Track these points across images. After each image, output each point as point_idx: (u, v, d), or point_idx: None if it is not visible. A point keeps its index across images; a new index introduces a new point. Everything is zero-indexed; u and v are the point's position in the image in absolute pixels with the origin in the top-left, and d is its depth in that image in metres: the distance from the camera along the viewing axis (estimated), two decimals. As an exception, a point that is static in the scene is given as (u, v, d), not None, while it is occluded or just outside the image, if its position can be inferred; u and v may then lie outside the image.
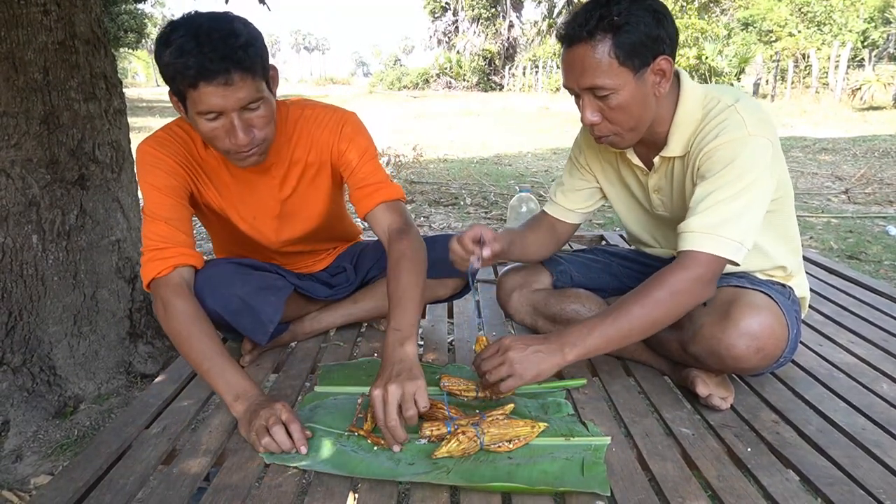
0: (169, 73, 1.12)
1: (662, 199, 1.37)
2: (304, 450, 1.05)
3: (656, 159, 1.31)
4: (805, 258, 2.32)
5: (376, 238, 1.61)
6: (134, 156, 1.47)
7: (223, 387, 1.15)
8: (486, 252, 1.28)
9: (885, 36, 16.31)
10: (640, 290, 1.16)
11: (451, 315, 1.84)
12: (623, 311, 1.14)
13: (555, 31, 1.23)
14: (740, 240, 1.12)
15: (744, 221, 1.12)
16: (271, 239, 1.49)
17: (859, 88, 13.52)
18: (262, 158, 1.27)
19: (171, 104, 1.20)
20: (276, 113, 1.27)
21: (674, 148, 1.27)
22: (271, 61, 1.22)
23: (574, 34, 1.15)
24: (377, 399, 1.05)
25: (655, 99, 1.20)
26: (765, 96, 16.24)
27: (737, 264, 1.14)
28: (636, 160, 1.35)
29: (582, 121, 1.23)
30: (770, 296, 1.20)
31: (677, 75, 1.25)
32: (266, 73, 1.18)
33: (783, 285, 1.32)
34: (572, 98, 1.24)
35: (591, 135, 1.28)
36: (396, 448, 1.07)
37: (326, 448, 1.07)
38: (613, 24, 1.11)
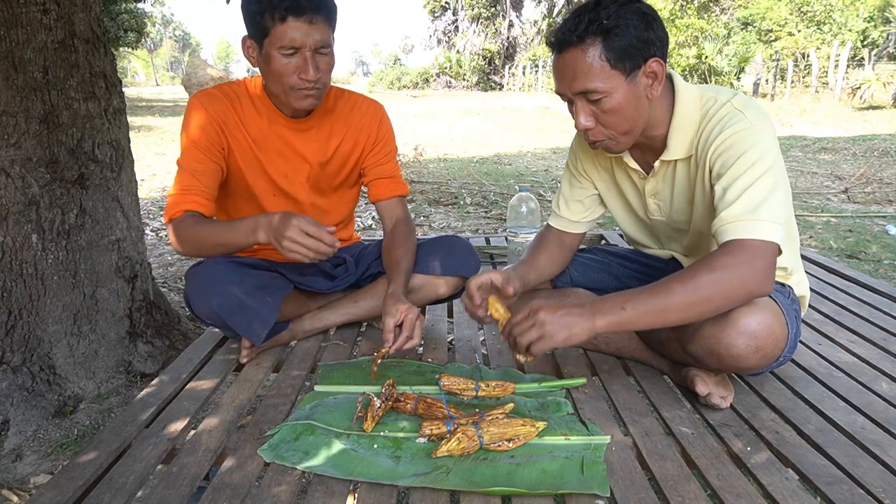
0: (260, 8, 1.29)
1: (659, 204, 1.37)
2: (327, 238, 1.22)
3: (656, 164, 1.30)
4: (805, 257, 2.32)
5: (376, 241, 1.72)
6: (133, 155, 1.51)
7: (240, 234, 1.30)
8: (510, 289, 1.32)
9: (884, 35, 16.29)
10: (684, 270, 1.12)
11: (450, 315, 1.84)
12: (662, 288, 1.11)
13: (544, 40, 1.23)
14: (778, 220, 1.10)
15: (776, 201, 1.11)
16: (301, 198, 1.58)
17: (859, 87, 13.54)
18: (317, 102, 1.43)
19: (169, 104, 1.25)
20: None
21: (675, 151, 1.26)
22: None
23: (565, 39, 1.15)
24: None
25: (648, 101, 1.20)
26: (764, 96, 16.23)
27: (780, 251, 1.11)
28: (633, 164, 1.35)
29: (576, 126, 1.22)
30: (769, 295, 1.20)
31: (670, 78, 1.25)
32: (335, 30, 1.37)
33: (782, 284, 1.32)
34: (565, 104, 1.24)
35: (585, 140, 1.28)
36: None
37: (326, 447, 1.07)
38: (603, 28, 1.11)
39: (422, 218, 4.56)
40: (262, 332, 1.40)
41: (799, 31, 18.01)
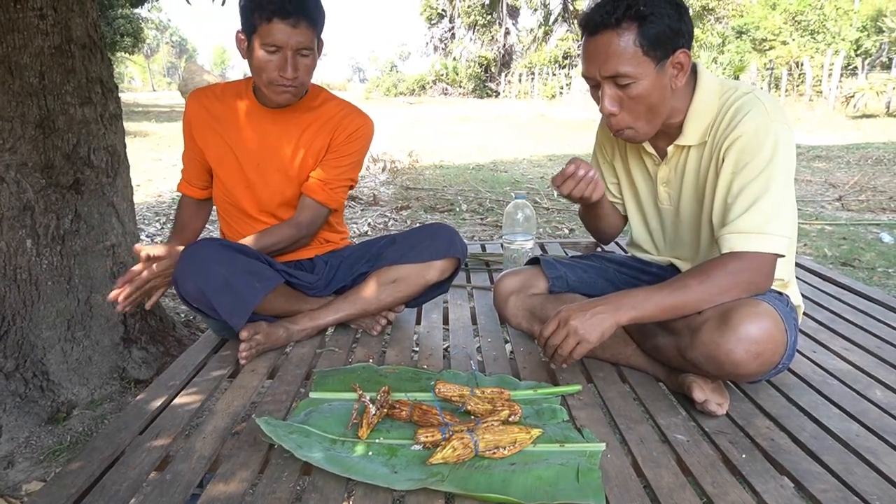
0: (251, 6, 1.40)
1: (670, 193, 1.40)
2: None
3: (670, 148, 1.34)
4: (799, 265, 2.33)
5: (363, 242, 1.76)
6: (129, 161, 1.52)
7: None
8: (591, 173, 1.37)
9: (877, 44, 16.43)
10: (699, 268, 1.21)
11: (446, 322, 1.83)
12: (680, 285, 1.19)
13: (577, 20, 1.29)
14: (787, 234, 1.17)
15: (785, 212, 1.17)
16: (272, 189, 1.63)
17: (852, 96, 13.61)
18: (294, 99, 1.54)
19: (166, 110, 1.28)
20: (310, 89, 1.61)
21: (689, 136, 1.29)
22: None
23: (600, 21, 1.18)
24: None
25: (672, 92, 1.23)
26: (759, 104, 16.32)
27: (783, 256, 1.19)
28: (650, 148, 1.39)
29: (601, 110, 1.25)
30: (768, 303, 1.20)
31: (694, 68, 1.29)
32: (319, 35, 1.48)
33: (780, 293, 1.32)
34: (588, 90, 1.27)
35: (608, 126, 1.30)
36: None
37: (321, 452, 1.07)
38: (640, 14, 1.15)
39: (417, 224, 4.56)
40: (243, 315, 1.41)
41: (793, 40, 18.13)
